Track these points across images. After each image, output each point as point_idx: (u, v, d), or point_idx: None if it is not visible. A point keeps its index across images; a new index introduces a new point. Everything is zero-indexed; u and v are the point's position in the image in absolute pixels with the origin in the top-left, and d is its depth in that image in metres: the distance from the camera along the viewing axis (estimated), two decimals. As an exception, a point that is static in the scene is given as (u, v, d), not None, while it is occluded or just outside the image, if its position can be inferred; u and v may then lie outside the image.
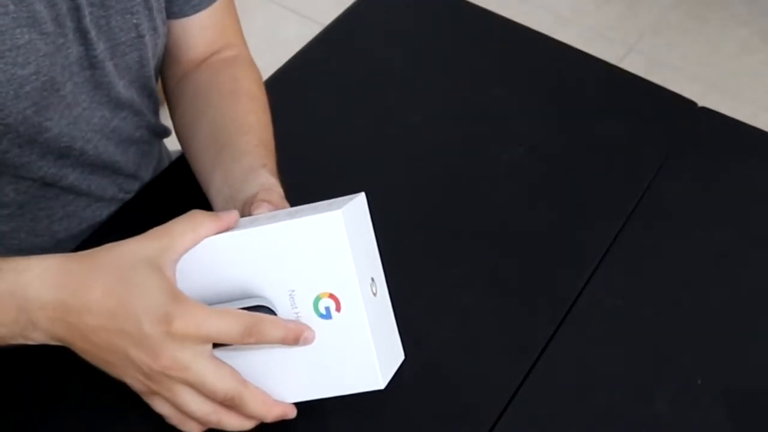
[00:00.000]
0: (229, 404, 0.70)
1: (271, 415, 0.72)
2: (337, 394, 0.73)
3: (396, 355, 0.73)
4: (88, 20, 0.84)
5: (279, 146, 0.90)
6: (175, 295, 0.68)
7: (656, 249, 0.95)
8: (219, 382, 0.69)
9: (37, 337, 0.71)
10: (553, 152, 1.04)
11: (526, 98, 1.10)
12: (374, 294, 0.71)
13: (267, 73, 1.08)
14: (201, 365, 0.68)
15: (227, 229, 0.72)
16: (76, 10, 0.82)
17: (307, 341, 0.69)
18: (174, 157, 1.09)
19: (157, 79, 0.99)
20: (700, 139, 1.07)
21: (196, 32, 0.97)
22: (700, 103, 1.11)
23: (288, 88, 1.05)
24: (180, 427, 0.73)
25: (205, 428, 0.73)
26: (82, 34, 0.84)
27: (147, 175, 1.01)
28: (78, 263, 0.71)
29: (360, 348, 0.69)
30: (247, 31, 1.07)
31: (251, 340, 0.68)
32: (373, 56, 1.13)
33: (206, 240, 0.71)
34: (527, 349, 0.86)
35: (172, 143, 1.11)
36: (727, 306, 0.91)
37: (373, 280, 0.71)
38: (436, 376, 0.83)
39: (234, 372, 0.70)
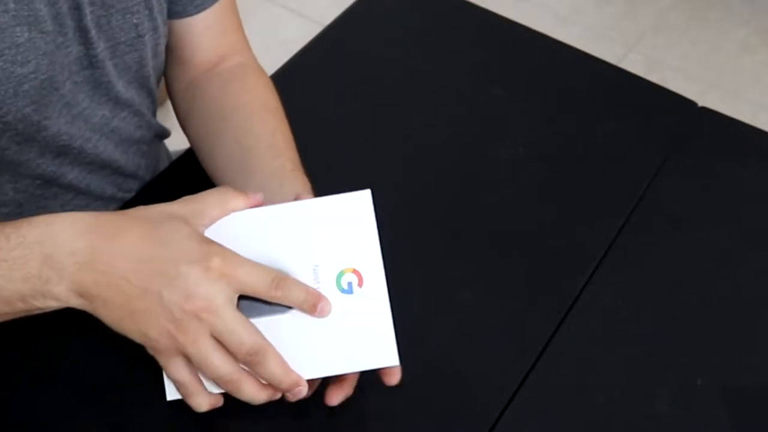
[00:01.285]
0: (252, 360, 0.70)
1: (287, 380, 0.72)
2: (351, 371, 0.74)
3: None
4: (88, 19, 0.84)
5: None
6: (208, 240, 0.71)
7: (656, 249, 0.95)
8: (247, 332, 0.70)
9: (58, 293, 0.70)
10: (553, 152, 1.04)
11: (526, 98, 1.10)
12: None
13: (267, 73, 1.08)
14: (231, 312, 0.69)
15: (254, 207, 0.74)
16: (76, 9, 0.83)
17: (323, 312, 0.71)
18: (174, 157, 1.09)
19: (158, 80, 0.99)
20: (700, 139, 1.07)
21: (200, 32, 0.97)
22: (700, 103, 1.11)
23: (288, 88, 1.05)
24: (190, 399, 0.73)
25: (212, 406, 0.73)
26: (82, 33, 0.84)
27: (147, 175, 1.01)
28: (110, 215, 0.73)
29: (378, 323, 0.72)
30: (247, 31, 1.07)
31: (277, 293, 0.70)
32: (372, 56, 1.13)
33: (235, 213, 0.74)
34: (527, 349, 0.86)
35: (171, 143, 1.11)
36: (727, 306, 0.91)
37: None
38: (436, 375, 0.83)
39: (258, 329, 0.71)
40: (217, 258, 0.69)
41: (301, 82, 1.10)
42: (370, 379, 0.82)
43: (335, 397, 0.76)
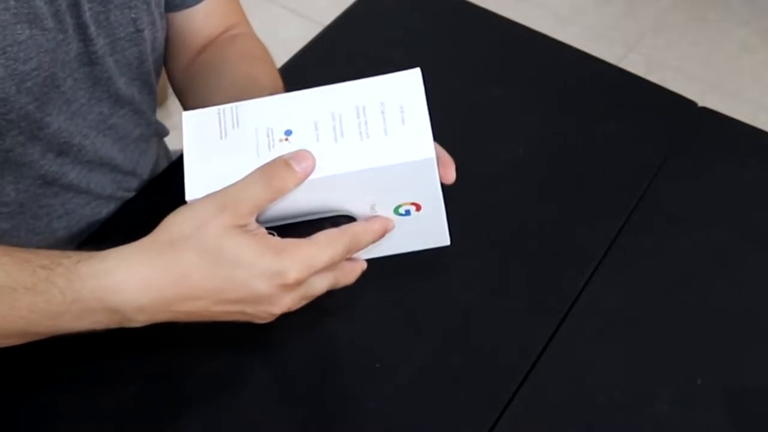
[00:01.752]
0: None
1: (353, 280, 0.74)
2: (408, 251, 0.76)
3: None
4: (87, 15, 0.84)
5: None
6: (275, 249, 0.68)
7: (656, 249, 0.95)
8: (324, 285, 0.71)
9: (135, 325, 0.70)
10: (553, 152, 1.04)
11: (526, 98, 1.10)
12: None
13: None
14: (313, 287, 0.71)
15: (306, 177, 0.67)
16: (75, 6, 0.83)
17: (391, 230, 0.73)
18: (174, 157, 1.09)
19: (158, 76, 0.99)
20: (700, 139, 1.07)
21: (201, 20, 0.98)
22: (700, 103, 1.11)
23: (288, 88, 1.05)
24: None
25: None
26: (81, 29, 0.84)
27: (145, 173, 1.01)
28: (163, 258, 0.68)
29: (434, 227, 0.74)
30: (247, 31, 1.07)
31: (350, 255, 0.71)
32: (372, 56, 1.13)
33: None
34: (527, 349, 0.86)
35: (171, 143, 1.11)
36: (727, 306, 0.91)
37: None
38: (436, 375, 0.83)
39: (328, 268, 0.71)
40: (292, 273, 0.67)
41: (301, 82, 1.10)
42: (370, 381, 0.82)
43: (451, 173, 0.77)
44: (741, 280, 0.94)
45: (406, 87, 0.68)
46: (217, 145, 0.69)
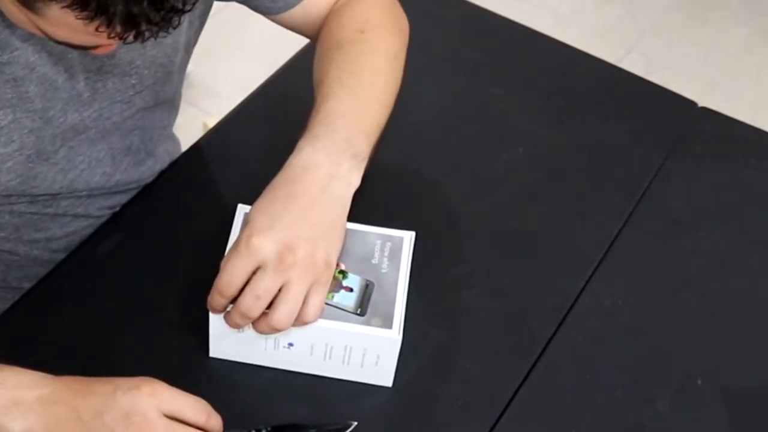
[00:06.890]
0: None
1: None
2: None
3: None
4: (82, 85, 0.82)
5: (279, 146, 0.90)
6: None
7: (656, 249, 0.95)
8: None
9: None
10: (553, 152, 1.04)
11: (526, 98, 1.10)
12: None
13: (267, 73, 1.08)
14: (164, 421, 0.70)
15: None
16: (69, 80, 0.81)
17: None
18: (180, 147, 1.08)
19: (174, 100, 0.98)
20: (700, 139, 1.07)
21: (304, 12, 0.98)
22: (700, 103, 1.11)
23: (288, 88, 1.05)
24: None
25: None
26: (76, 101, 0.82)
27: (150, 179, 1.00)
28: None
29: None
30: (247, 31, 1.07)
31: (207, 420, 0.72)
32: (373, 56, 1.13)
33: None
34: (527, 349, 0.86)
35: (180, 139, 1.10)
36: (727, 306, 0.91)
37: None
38: (437, 375, 0.83)
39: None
40: (146, 384, 0.70)
41: (301, 82, 1.09)
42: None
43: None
44: (741, 280, 0.94)
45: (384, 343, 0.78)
46: (236, 334, 0.80)
